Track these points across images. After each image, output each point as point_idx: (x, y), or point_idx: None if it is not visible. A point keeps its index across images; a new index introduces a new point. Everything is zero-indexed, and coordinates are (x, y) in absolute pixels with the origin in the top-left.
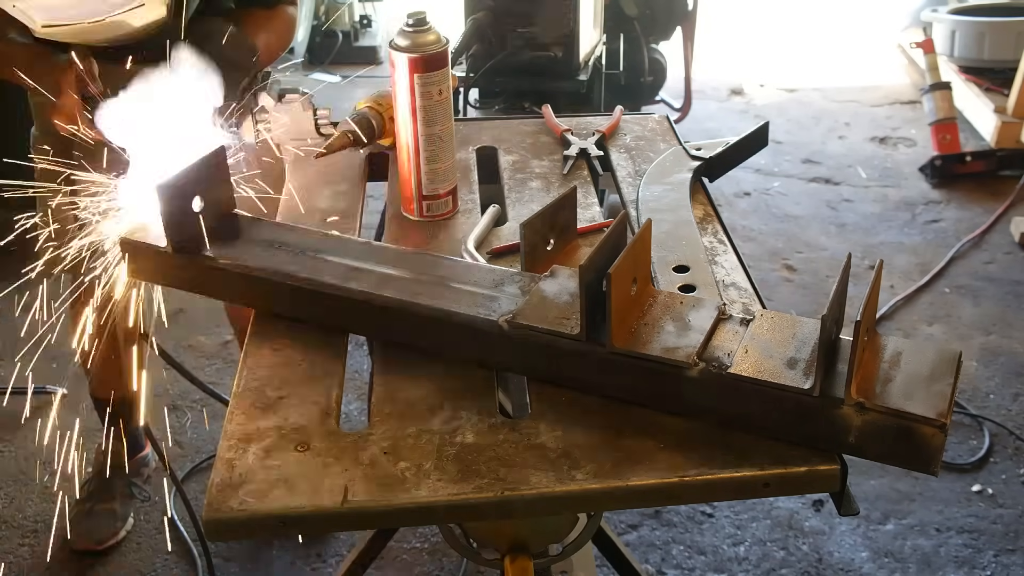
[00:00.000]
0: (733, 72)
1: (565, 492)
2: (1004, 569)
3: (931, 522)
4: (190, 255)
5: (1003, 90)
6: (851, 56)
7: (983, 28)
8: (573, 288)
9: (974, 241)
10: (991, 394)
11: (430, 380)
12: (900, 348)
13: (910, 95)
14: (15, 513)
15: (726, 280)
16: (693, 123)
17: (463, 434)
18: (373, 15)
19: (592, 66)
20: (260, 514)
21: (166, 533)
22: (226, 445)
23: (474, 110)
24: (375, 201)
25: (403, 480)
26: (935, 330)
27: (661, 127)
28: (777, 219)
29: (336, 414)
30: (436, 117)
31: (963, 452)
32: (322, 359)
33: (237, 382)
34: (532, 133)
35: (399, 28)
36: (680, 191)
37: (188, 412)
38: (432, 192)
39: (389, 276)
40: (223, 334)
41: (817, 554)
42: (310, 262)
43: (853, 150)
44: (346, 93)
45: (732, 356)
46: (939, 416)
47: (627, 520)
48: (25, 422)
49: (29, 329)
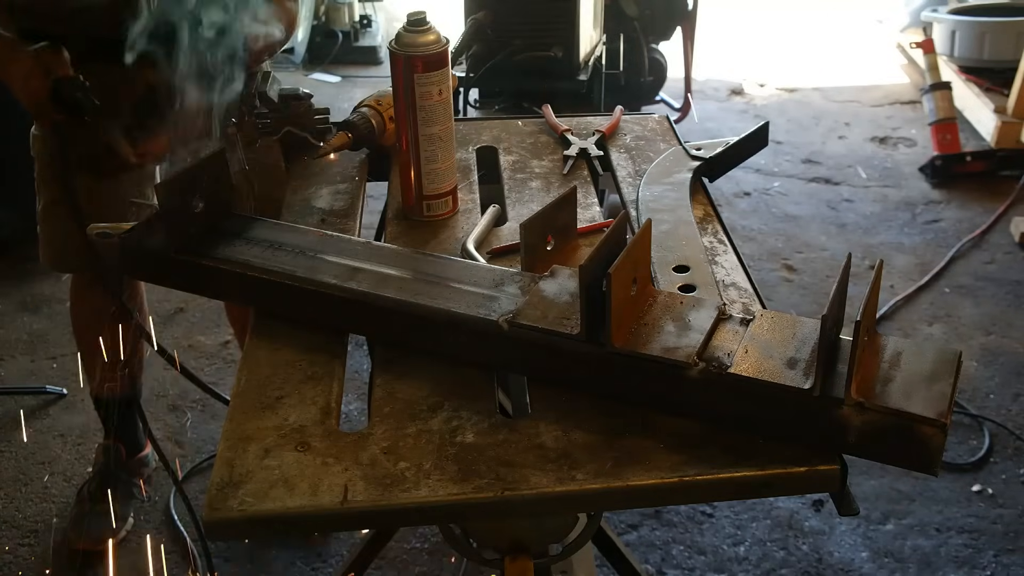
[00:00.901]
0: (733, 72)
1: (565, 492)
2: (1004, 569)
3: (931, 522)
4: (190, 255)
5: (1003, 90)
6: (851, 56)
7: (983, 28)
8: (573, 288)
9: (974, 241)
10: (991, 394)
11: (430, 380)
12: (900, 348)
13: (910, 95)
14: (15, 513)
15: (726, 280)
16: (693, 123)
17: (463, 434)
18: (373, 15)
19: (592, 66)
20: (260, 514)
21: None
22: (226, 445)
23: (474, 110)
24: (375, 201)
25: (403, 480)
26: (935, 330)
27: (661, 127)
28: (777, 219)
29: (336, 414)
30: (436, 117)
31: (963, 452)
32: (322, 359)
33: (237, 382)
34: (532, 133)
35: (399, 28)
36: (680, 191)
37: (188, 412)
38: (432, 192)
39: (389, 276)
40: (223, 334)
41: (817, 554)
42: (310, 262)
43: (853, 150)
44: (346, 93)
45: (732, 356)
46: (939, 416)
47: (627, 520)
48: (25, 422)
49: (30, 329)
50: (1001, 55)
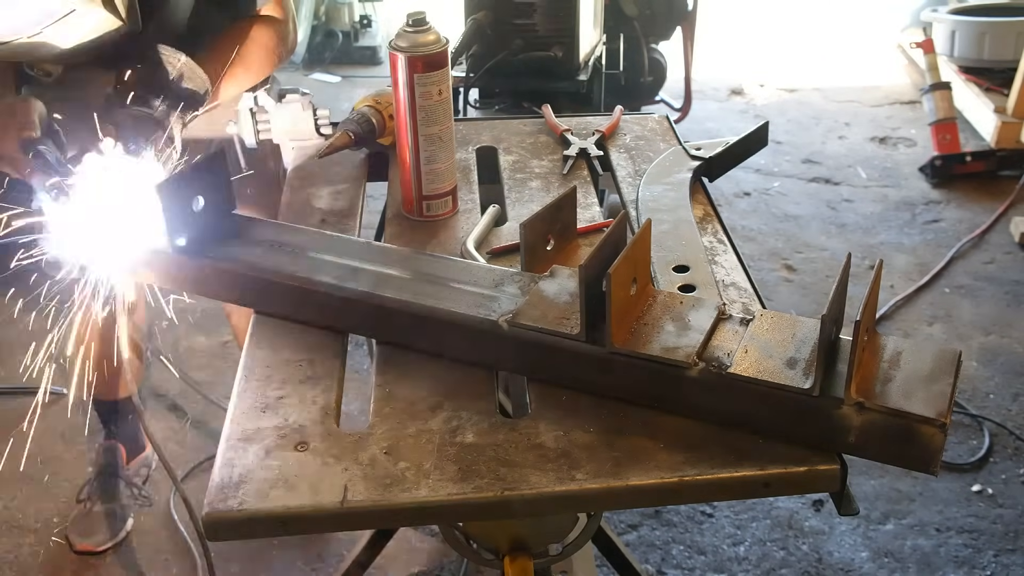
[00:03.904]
0: (733, 72)
1: (565, 492)
2: (1004, 569)
3: (931, 522)
4: (190, 256)
5: (1003, 90)
6: (851, 56)
7: (983, 28)
8: (573, 288)
9: (974, 241)
10: (991, 394)
11: (430, 380)
12: (900, 348)
13: (910, 95)
14: (15, 513)
15: (726, 280)
16: (693, 123)
17: (463, 434)
18: (373, 15)
19: (592, 66)
20: (260, 514)
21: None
22: (226, 445)
23: (474, 110)
24: (375, 201)
25: (403, 480)
26: (935, 330)
27: (661, 127)
28: (777, 219)
29: (336, 414)
30: (436, 117)
31: (963, 452)
32: (322, 359)
33: (237, 382)
34: (532, 133)
35: (399, 28)
36: (680, 191)
37: (188, 412)
38: (432, 192)
39: (389, 276)
40: (223, 334)
41: (817, 554)
42: (310, 262)
43: (853, 150)
44: (346, 93)
45: (732, 356)
46: (939, 416)
47: (627, 520)
48: (26, 422)
49: (30, 329)
50: (1001, 55)
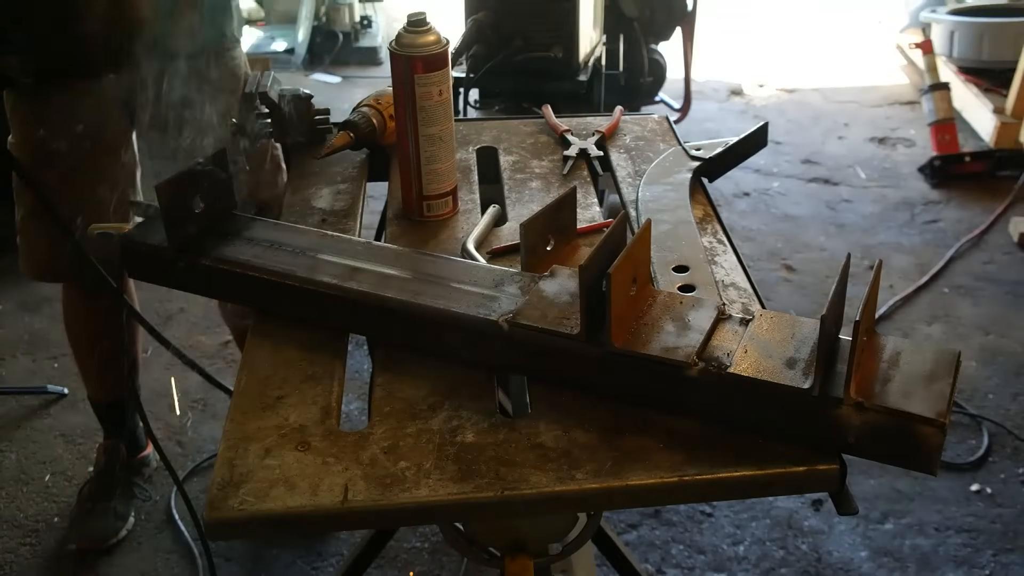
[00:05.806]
0: (733, 72)
1: (565, 492)
2: (1003, 568)
3: (930, 521)
4: (190, 255)
5: (1002, 90)
6: (850, 57)
7: (982, 29)
8: (573, 288)
9: (973, 241)
10: (990, 394)
11: (430, 380)
12: (899, 348)
13: (909, 96)
14: (15, 513)
15: (726, 280)
16: (693, 123)
17: (463, 434)
18: (373, 16)
19: (592, 66)
20: (260, 514)
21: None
22: (226, 445)
23: (474, 110)
24: (375, 201)
25: (403, 480)
26: (934, 330)
27: (661, 127)
28: (776, 219)
29: (336, 414)
30: (436, 117)
31: (962, 452)
32: (322, 359)
33: (237, 382)
34: (532, 133)
35: (399, 29)
36: (680, 191)
37: (188, 412)
38: (432, 192)
39: (389, 276)
40: (223, 334)
41: (816, 553)
42: (310, 262)
43: (852, 150)
44: (346, 93)
45: (732, 356)
46: (938, 416)
47: (627, 520)
48: (26, 422)
49: (30, 329)
50: (1000, 55)
